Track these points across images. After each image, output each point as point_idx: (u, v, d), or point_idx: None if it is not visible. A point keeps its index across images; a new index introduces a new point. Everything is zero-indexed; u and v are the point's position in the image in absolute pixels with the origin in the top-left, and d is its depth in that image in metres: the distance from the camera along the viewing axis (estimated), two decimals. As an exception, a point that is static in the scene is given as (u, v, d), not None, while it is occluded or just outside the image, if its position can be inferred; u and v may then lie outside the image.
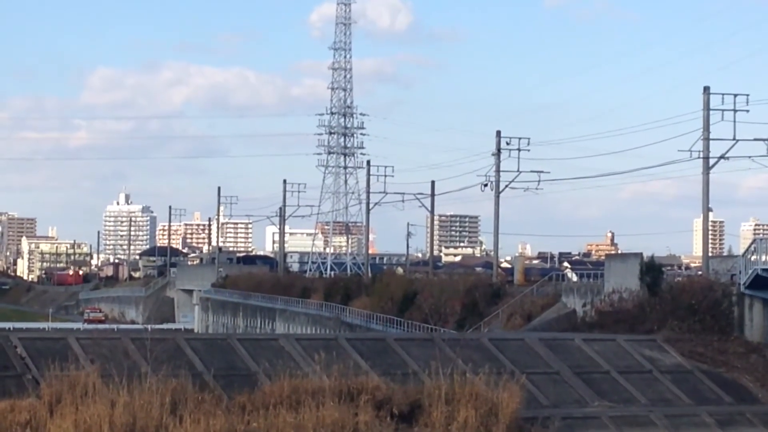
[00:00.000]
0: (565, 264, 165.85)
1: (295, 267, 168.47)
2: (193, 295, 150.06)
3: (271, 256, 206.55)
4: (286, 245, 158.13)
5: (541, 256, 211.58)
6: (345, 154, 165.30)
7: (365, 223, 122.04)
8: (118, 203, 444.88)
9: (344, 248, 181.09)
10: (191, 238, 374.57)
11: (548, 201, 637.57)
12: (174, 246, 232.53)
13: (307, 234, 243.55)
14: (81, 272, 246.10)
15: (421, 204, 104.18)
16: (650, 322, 52.34)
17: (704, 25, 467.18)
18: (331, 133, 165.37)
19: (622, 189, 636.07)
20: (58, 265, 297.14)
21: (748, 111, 61.48)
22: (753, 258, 51.27)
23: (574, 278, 78.98)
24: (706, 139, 61.33)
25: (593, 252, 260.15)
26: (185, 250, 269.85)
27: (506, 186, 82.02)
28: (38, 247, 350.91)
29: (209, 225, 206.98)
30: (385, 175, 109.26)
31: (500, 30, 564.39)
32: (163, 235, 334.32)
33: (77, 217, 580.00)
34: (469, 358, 42.25)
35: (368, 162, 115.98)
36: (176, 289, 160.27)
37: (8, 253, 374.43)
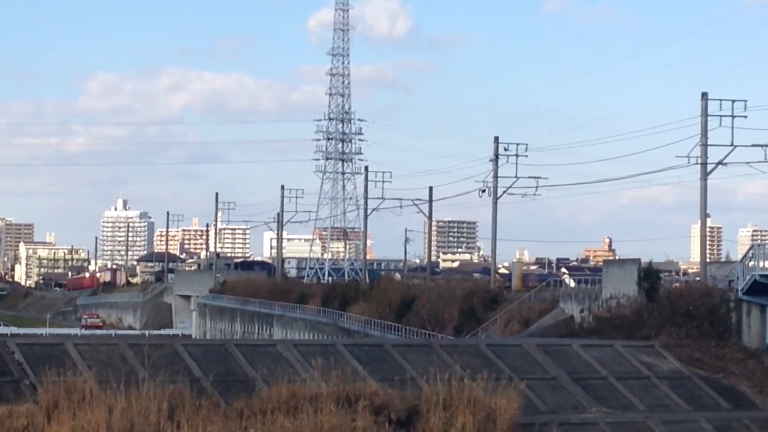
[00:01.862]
0: (563, 270, 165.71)
1: (293, 273, 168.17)
2: (190, 300, 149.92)
3: (269, 261, 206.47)
4: (283, 251, 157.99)
5: (539, 262, 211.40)
6: (343, 160, 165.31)
7: (363, 228, 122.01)
8: (115, 209, 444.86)
9: (342, 254, 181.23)
10: (189, 244, 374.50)
11: (546, 207, 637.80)
12: (172, 252, 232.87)
13: (305, 240, 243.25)
14: (99, 275, 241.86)
15: (419, 210, 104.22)
16: (648, 328, 52.32)
17: (702, 32, 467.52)
18: (329, 139, 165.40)
19: (620, 195, 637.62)
20: (56, 270, 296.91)
21: (746, 117, 61.49)
22: (751, 264, 51.31)
23: (572, 284, 78.95)
24: (704, 145, 61.32)
25: (591, 258, 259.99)
26: (183, 256, 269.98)
27: (504, 192, 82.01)
28: (36, 253, 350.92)
29: (207, 231, 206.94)
30: (383, 181, 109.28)
31: (499, 35, 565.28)
32: (160, 240, 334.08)
33: (75, 222, 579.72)
34: (466, 363, 42.23)
35: (366, 168, 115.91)
36: (174, 295, 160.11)
37: (6, 259, 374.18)
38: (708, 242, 68.56)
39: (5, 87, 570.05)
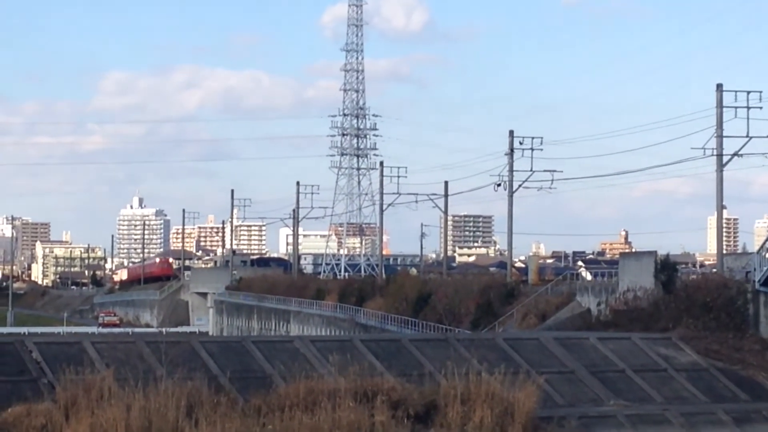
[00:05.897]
0: (579, 263, 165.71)
1: (309, 269, 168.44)
2: (207, 297, 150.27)
3: (285, 258, 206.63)
4: (299, 247, 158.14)
5: (555, 256, 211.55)
6: (358, 156, 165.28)
7: (379, 224, 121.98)
8: (131, 207, 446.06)
9: (358, 249, 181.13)
10: (205, 241, 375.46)
11: (562, 200, 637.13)
12: (188, 249, 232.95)
13: (321, 236, 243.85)
14: (171, 260, 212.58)
15: (435, 204, 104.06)
16: (665, 320, 52.25)
17: (717, 22, 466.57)
18: (343, 135, 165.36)
19: (636, 187, 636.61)
20: (72, 269, 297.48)
21: (761, 108, 61.49)
22: (767, 255, 51.16)
23: (589, 277, 79.03)
24: (720, 137, 61.27)
25: (607, 251, 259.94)
26: (199, 253, 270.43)
27: (519, 185, 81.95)
28: (52, 252, 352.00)
29: (223, 228, 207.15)
30: (399, 176, 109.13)
31: (515, 28, 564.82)
32: (176, 238, 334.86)
33: (91, 221, 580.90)
34: (484, 358, 42.20)
35: (381, 163, 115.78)
36: (190, 292, 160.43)
37: (22, 258, 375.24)
38: (724, 234, 68.44)
39: (19, 87, 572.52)
